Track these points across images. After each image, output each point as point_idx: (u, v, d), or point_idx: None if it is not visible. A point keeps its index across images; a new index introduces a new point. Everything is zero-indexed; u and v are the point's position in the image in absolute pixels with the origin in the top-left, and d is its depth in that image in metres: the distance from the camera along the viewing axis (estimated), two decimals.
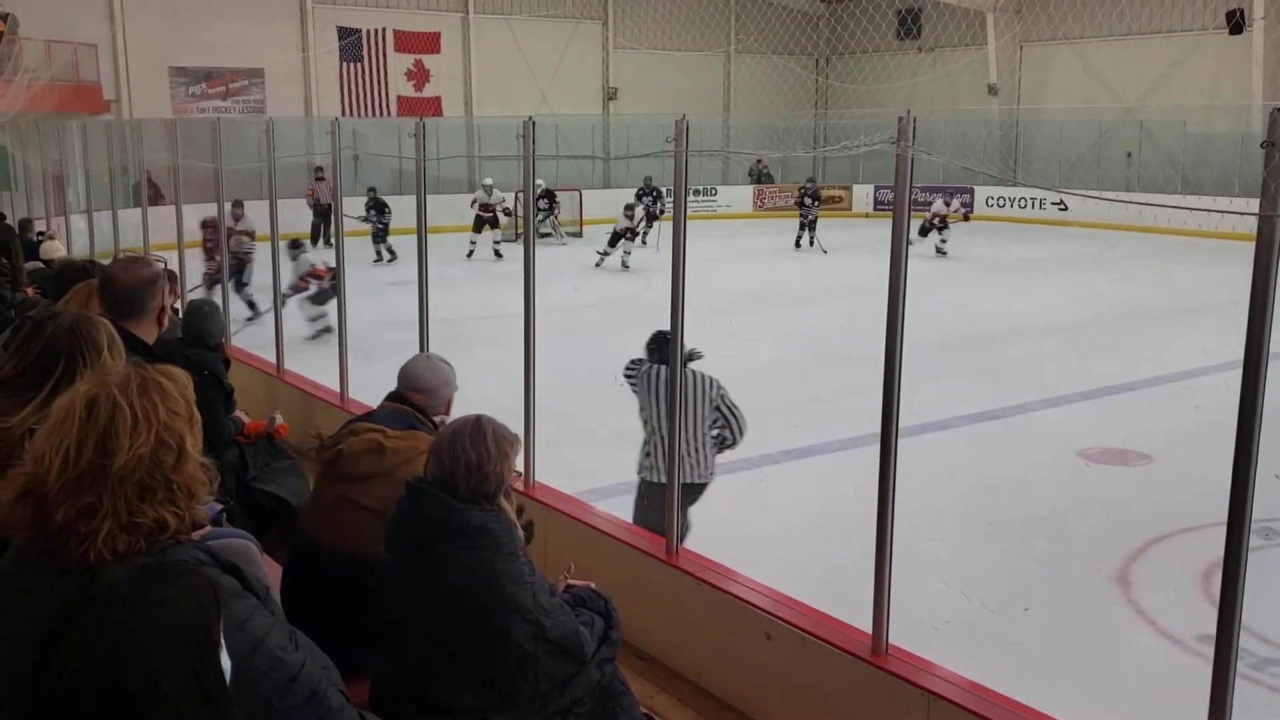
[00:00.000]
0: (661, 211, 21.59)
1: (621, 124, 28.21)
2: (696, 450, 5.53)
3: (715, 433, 5.64)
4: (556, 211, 23.25)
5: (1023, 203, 26.81)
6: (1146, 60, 25.81)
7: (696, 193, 27.67)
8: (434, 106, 27.67)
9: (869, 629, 3.82)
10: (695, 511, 5.48)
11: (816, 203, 22.75)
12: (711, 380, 5.61)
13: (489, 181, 21.25)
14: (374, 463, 3.31)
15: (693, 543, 4.70)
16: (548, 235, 22.40)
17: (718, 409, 5.58)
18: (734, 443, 5.70)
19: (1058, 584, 6.12)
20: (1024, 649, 5.35)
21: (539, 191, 22.68)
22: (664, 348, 5.41)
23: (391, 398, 3.74)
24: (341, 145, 7.34)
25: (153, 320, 3.01)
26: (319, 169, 20.52)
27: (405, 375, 3.76)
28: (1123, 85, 26.48)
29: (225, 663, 1.71)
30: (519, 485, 5.27)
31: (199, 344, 5.47)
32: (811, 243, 22.29)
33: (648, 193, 22.56)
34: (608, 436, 8.40)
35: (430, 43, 27.96)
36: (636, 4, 29.72)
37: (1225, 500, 2.90)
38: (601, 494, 6.68)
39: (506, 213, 21.57)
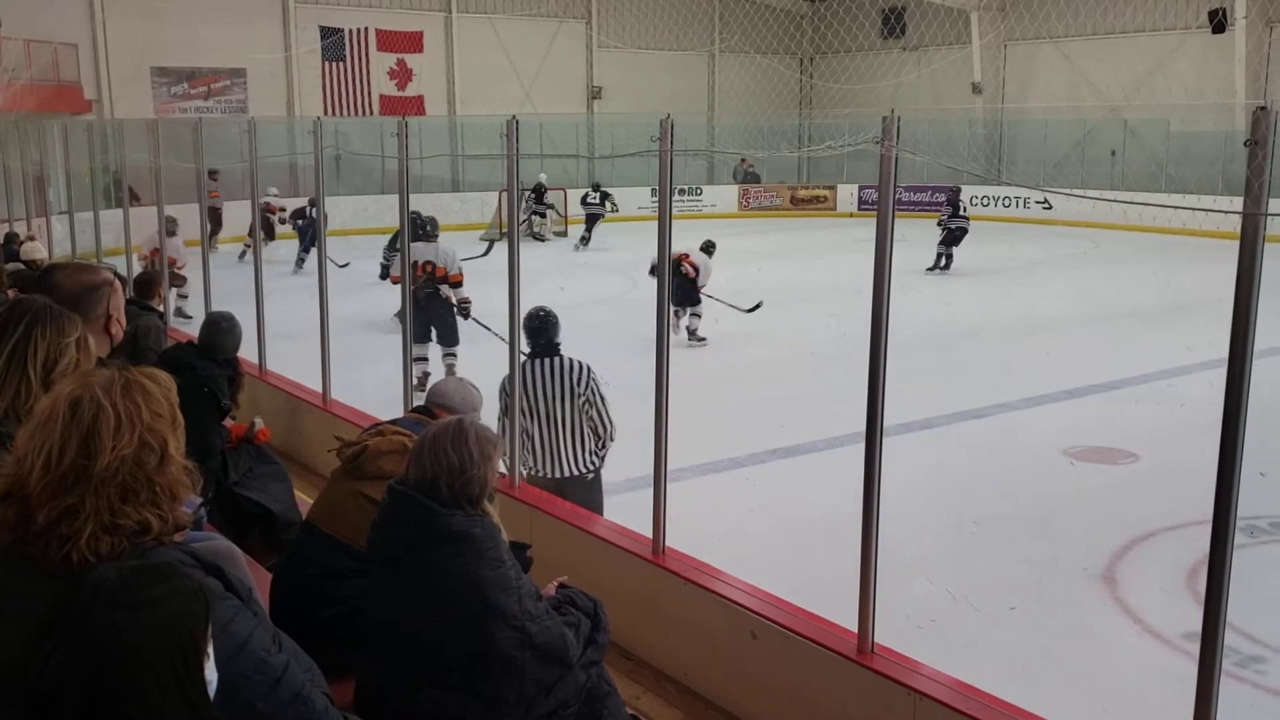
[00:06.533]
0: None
1: (606, 123, 28.21)
2: (568, 441, 5.43)
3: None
4: (547, 203, 23.38)
5: (1007, 202, 26.87)
6: (1130, 59, 25.93)
7: (682, 192, 27.68)
8: (417, 106, 27.61)
9: (855, 628, 3.83)
10: (681, 509, 5.40)
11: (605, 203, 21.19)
12: (583, 369, 5.48)
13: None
14: (397, 464, 3.32)
15: (678, 542, 4.69)
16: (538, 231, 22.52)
17: (588, 401, 5.44)
18: (603, 443, 5.55)
19: (1044, 583, 6.12)
20: (1010, 648, 5.36)
21: (532, 185, 22.82)
22: (537, 337, 5.49)
23: (417, 411, 3.97)
24: (324, 145, 7.32)
25: (99, 329, 3.00)
26: (212, 171, 18.22)
27: (434, 393, 3.99)
28: (1107, 84, 26.59)
29: (211, 673, 1.70)
30: (505, 485, 5.27)
31: (209, 357, 5.46)
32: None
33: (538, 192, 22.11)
34: None
35: (413, 42, 27.90)
36: (620, 3, 29.71)
37: (1210, 498, 2.90)
38: None
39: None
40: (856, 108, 26.25)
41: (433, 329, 9.92)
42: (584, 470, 5.53)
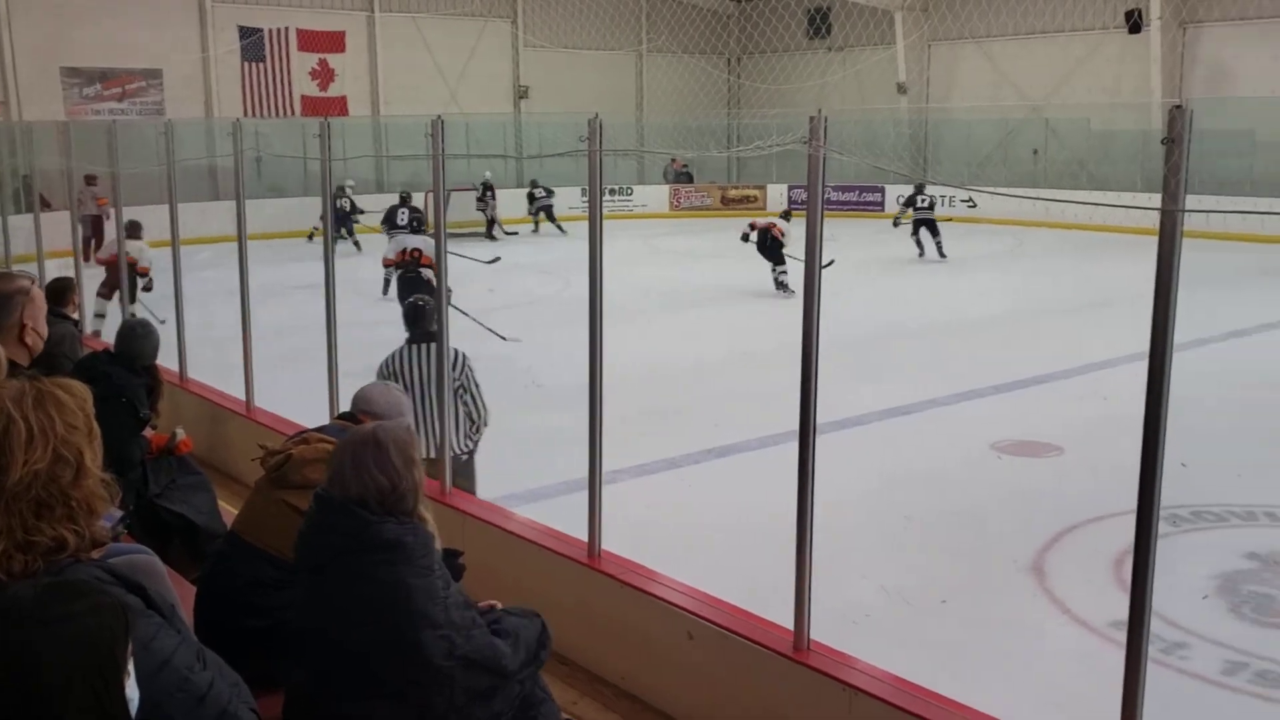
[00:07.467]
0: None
1: (533, 123, 28.12)
2: (435, 422, 5.62)
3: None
4: (490, 203, 23.71)
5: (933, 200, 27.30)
6: (1050, 59, 26.49)
7: (612, 192, 27.69)
8: (340, 106, 27.24)
9: (791, 625, 3.84)
10: (617, 511, 5.39)
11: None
12: (458, 356, 5.68)
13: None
14: (322, 472, 3.26)
15: (614, 545, 4.67)
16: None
17: (462, 387, 5.68)
18: (477, 428, 5.85)
19: (974, 575, 6.21)
20: (942, 641, 5.42)
21: (479, 183, 23.73)
22: (414, 325, 5.85)
23: (343, 417, 3.88)
24: (244, 147, 7.17)
25: (13, 339, 2.91)
26: (89, 176, 17.97)
27: (359, 399, 3.89)
28: (1028, 83, 27.13)
29: (132, 691, 1.66)
30: (436, 493, 5.21)
31: (125, 365, 5.30)
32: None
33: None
34: (526, 440, 8.35)
35: (335, 42, 27.52)
36: (546, 2, 29.61)
37: (1134, 489, 2.95)
38: (520, 499, 6.64)
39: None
40: (784, 108, 26.46)
41: None
42: (457, 452, 5.71)
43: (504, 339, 12.60)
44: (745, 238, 16.58)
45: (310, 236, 21.14)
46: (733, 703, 4.04)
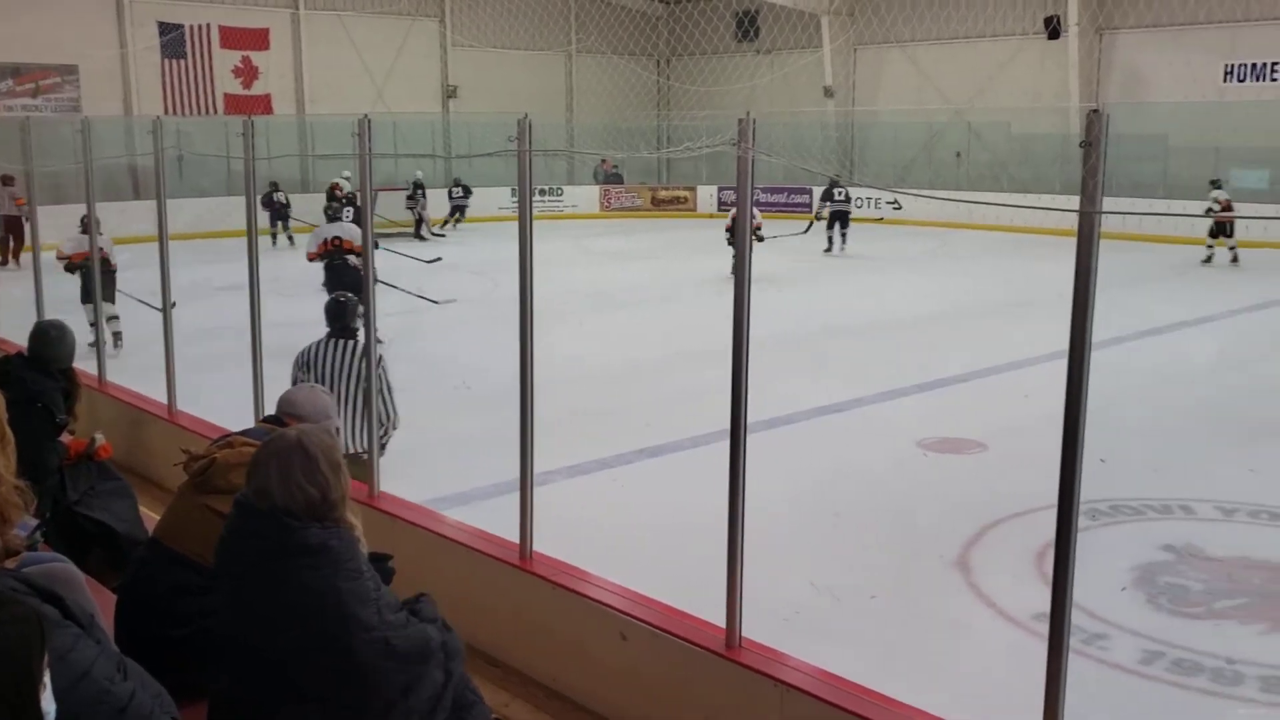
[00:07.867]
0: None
1: (462, 123, 27.95)
2: (352, 419, 5.71)
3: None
4: (421, 202, 23.83)
5: (859, 202, 27.64)
6: (972, 63, 26.99)
7: (542, 193, 27.63)
8: (264, 104, 26.78)
9: (723, 623, 3.86)
10: (548, 512, 5.38)
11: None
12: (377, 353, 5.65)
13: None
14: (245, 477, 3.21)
15: (546, 546, 4.66)
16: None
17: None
18: (384, 427, 5.74)
19: (902, 571, 6.30)
20: (872, 636, 5.48)
21: (410, 183, 24.04)
22: (335, 320, 5.95)
23: (268, 420, 3.83)
24: (165, 145, 7.02)
25: None
26: (6, 176, 18.42)
27: (284, 401, 3.85)
28: (951, 87, 27.60)
29: (49, 704, 1.62)
30: (365, 496, 5.15)
31: (40, 369, 5.16)
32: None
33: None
34: (457, 442, 8.31)
35: (258, 39, 27.07)
36: (474, 2, 29.43)
37: (1055, 484, 3.01)
38: (451, 501, 6.60)
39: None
40: (713, 110, 26.61)
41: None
42: (361, 450, 5.64)
43: (437, 303, 12.53)
44: (730, 241, 17.05)
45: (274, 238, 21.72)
46: (665, 701, 4.05)
